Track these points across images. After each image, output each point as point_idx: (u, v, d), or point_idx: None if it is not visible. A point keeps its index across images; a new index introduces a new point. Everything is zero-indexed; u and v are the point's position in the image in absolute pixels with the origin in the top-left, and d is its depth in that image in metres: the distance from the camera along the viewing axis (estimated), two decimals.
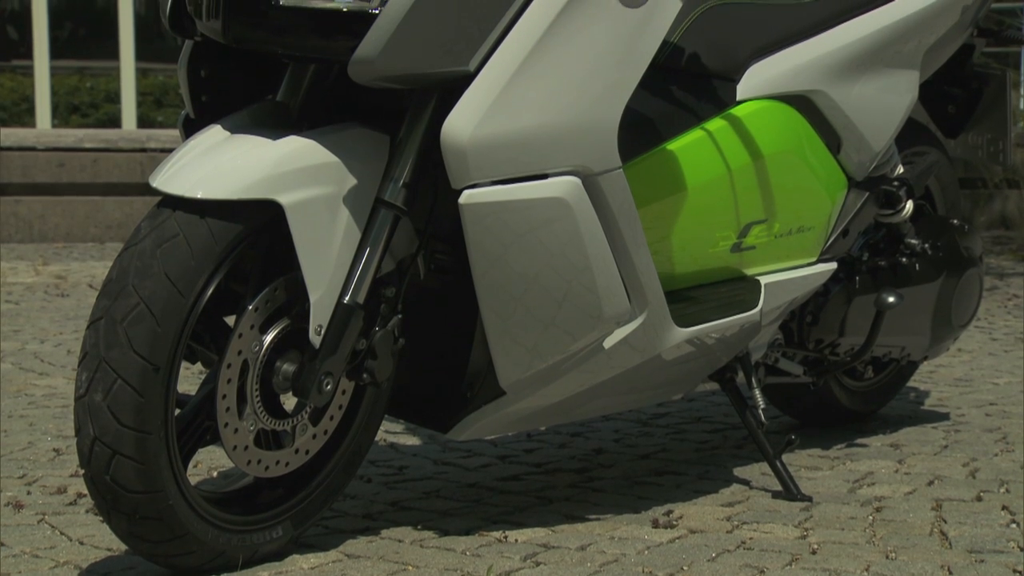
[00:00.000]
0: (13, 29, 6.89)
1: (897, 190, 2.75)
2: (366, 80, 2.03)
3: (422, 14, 1.98)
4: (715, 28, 2.52)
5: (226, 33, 2.06)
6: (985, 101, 2.93)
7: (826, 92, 2.58)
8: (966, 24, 2.81)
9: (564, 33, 2.07)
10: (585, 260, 2.15)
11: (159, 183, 2.04)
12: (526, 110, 2.06)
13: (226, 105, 2.18)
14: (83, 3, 7.16)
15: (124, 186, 5.53)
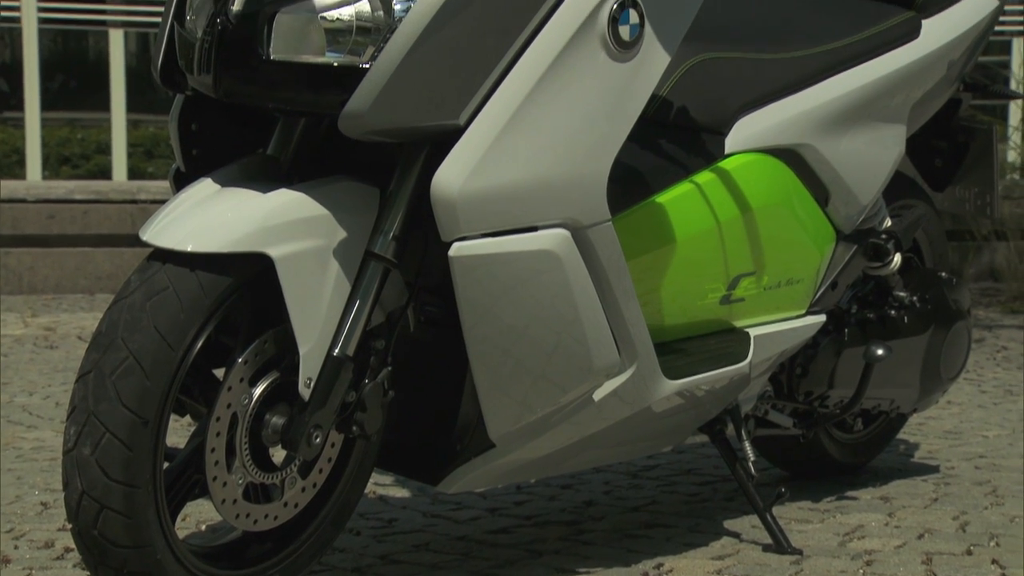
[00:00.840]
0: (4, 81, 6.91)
1: (885, 243, 2.76)
2: (356, 134, 2.04)
3: (412, 68, 2.00)
4: (703, 82, 2.54)
5: (217, 88, 2.07)
6: (972, 155, 2.95)
7: (814, 146, 2.59)
8: (952, 79, 2.83)
9: (553, 87, 2.08)
10: (574, 312, 2.16)
11: (149, 236, 2.05)
12: (516, 163, 2.06)
13: (217, 158, 2.19)
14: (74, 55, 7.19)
15: (114, 237, 5.53)
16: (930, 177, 3.02)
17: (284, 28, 2.02)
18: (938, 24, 2.76)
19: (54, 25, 5.89)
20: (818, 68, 2.62)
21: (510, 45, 2.06)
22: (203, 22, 2.08)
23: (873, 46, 2.67)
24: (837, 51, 2.64)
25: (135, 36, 6.54)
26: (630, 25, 2.12)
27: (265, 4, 2.03)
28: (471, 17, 2.01)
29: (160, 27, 2.20)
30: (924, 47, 2.73)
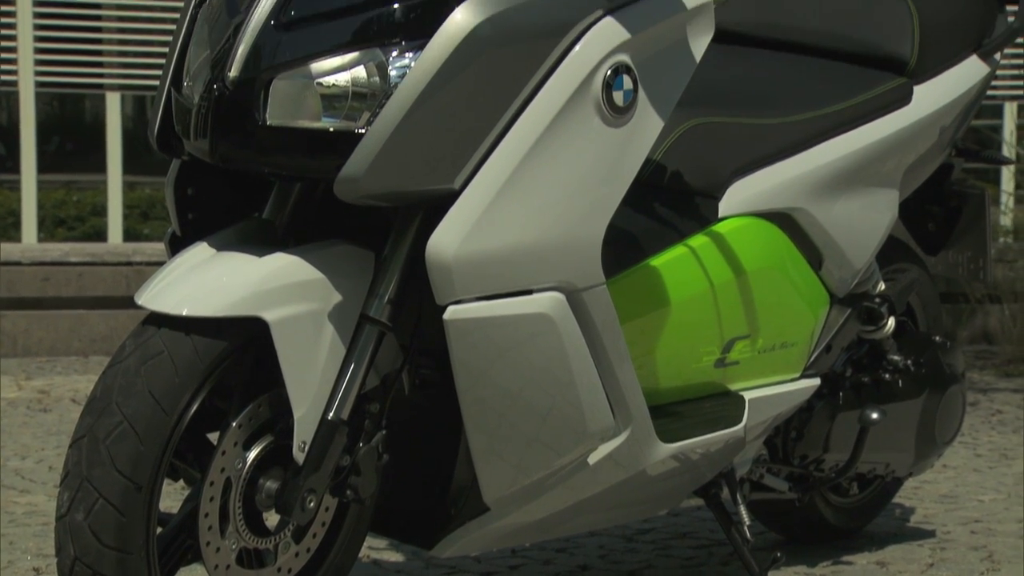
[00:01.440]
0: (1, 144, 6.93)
1: (879, 307, 2.76)
2: (352, 198, 2.05)
3: (407, 133, 2.01)
4: (697, 146, 2.55)
5: (213, 153, 2.08)
6: (964, 219, 2.96)
7: (807, 210, 2.60)
8: (944, 144, 2.85)
9: (548, 151, 2.09)
10: (569, 375, 2.16)
11: (144, 300, 2.05)
12: (511, 227, 2.07)
13: (212, 222, 2.20)
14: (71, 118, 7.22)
15: (109, 299, 5.53)
16: (923, 241, 3.03)
17: (281, 94, 2.04)
18: (930, 90, 2.78)
19: (51, 88, 5.92)
20: (811, 133, 2.63)
21: (505, 110, 2.07)
22: (200, 88, 2.09)
23: (865, 111, 2.69)
24: (830, 116, 2.66)
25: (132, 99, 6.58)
26: (624, 91, 2.14)
27: (262, 70, 2.04)
28: (466, 83, 2.03)
29: (157, 92, 2.21)
30: (916, 113, 2.75)
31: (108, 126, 5.86)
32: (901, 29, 2.78)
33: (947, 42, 2.82)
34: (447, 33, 2.02)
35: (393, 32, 2.03)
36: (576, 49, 2.11)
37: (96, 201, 6.37)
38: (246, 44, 2.04)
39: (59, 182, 6.68)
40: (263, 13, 2.05)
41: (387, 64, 2.03)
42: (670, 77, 2.21)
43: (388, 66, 2.03)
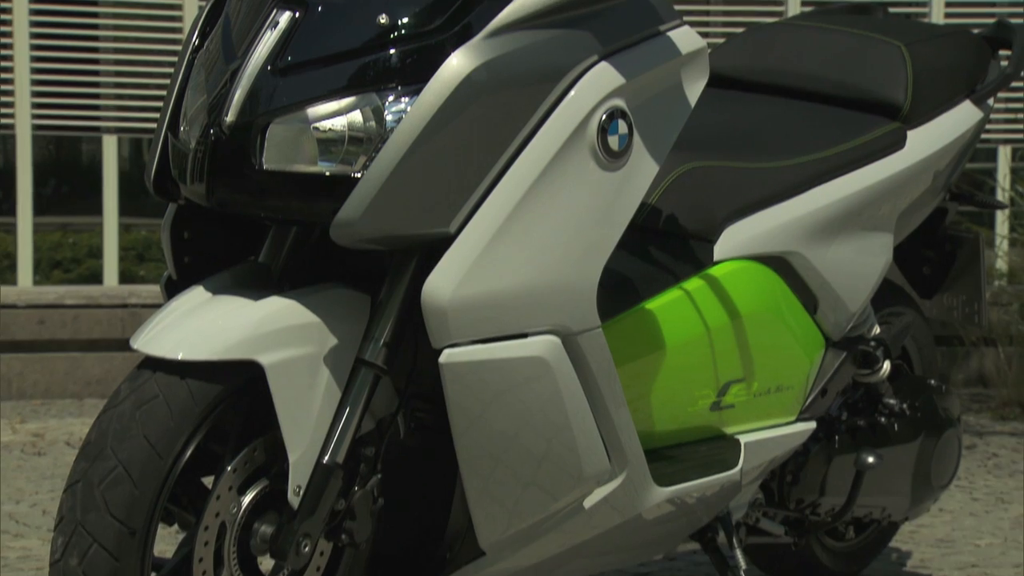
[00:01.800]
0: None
1: (874, 350, 2.77)
2: (348, 242, 2.06)
3: (403, 178, 2.02)
4: (692, 190, 2.56)
5: (210, 197, 2.08)
6: (959, 263, 2.97)
7: (802, 253, 2.61)
8: (938, 189, 2.86)
9: (544, 195, 2.10)
10: (565, 419, 2.16)
11: (140, 344, 2.05)
12: (506, 271, 2.08)
13: (208, 266, 2.20)
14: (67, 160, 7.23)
15: (105, 342, 5.52)
16: (918, 285, 3.04)
17: (277, 138, 2.05)
18: (923, 135, 2.80)
19: (48, 132, 5.94)
20: (806, 177, 2.64)
21: (501, 154, 2.08)
22: (197, 132, 2.10)
23: (859, 156, 2.70)
24: (824, 161, 2.67)
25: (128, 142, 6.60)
26: (619, 135, 2.15)
27: (258, 115, 2.05)
28: (462, 127, 2.04)
29: (154, 137, 2.22)
30: (910, 158, 2.76)
31: (105, 169, 5.87)
32: (894, 74, 2.80)
33: (940, 87, 2.83)
34: (443, 78, 2.03)
35: (389, 77, 2.04)
36: (572, 94, 2.12)
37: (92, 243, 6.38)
38: (243, 89, 2.06)
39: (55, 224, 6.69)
40: (260, 58, 2.06)
41: (383, 109, 2.04)
42: (665, 121, 2.22)
43: (384, 111, 2.04)
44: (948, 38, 2.93)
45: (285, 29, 2.07)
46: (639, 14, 2.20)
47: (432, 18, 2.06)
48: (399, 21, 2.05)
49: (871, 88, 2.80)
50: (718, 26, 5.84)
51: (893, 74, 2.80)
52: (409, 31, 2.05)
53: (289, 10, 2.08)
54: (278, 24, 2.07)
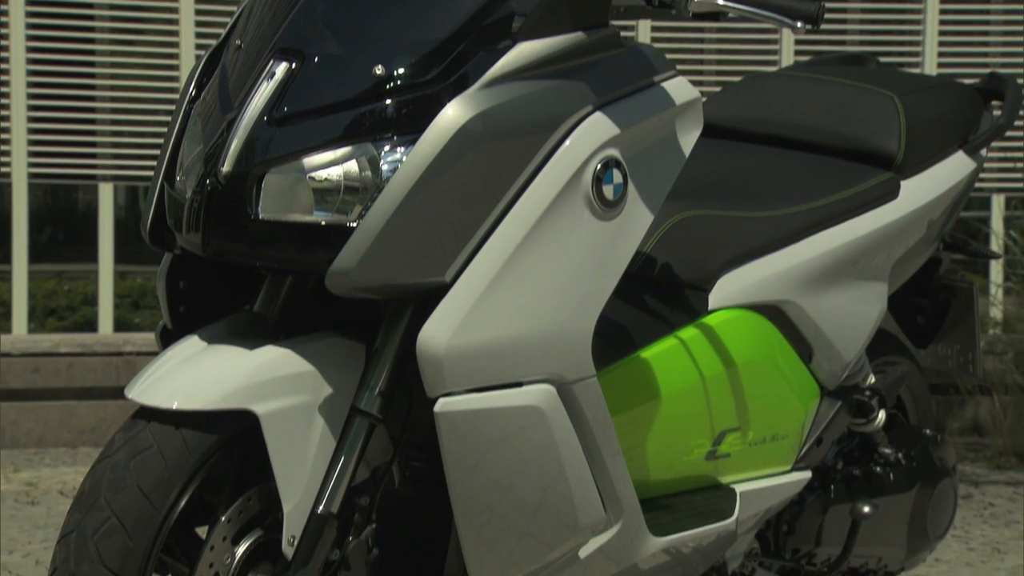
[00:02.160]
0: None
1: (869, 400, 2.77)
2: (343, 291, 2.06)
3: (399, 227, 2.02)
4: (687, 239, 2.57)
5: (205, 247, 2.09)
6: (953, 313, 2.98)
7: (797, 302, 2.62)
8: (932, 238, 2.87)
9: (539, 244, 2.10)
10: (560, 468, 2.15)
11: (134, 394, 2.05)
12: (501, 320, 2.08)
13: (204, 315, 2.21)
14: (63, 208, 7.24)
15: (99, 390, 5.51)
16: (913, 334, 3.04)
17: (273, 188, 2.05)
18: (917, 185, 2.81)
19: (44, 180, 5.95)
20: (800, 226, 2.65)
21: (496, 203, 2.09)
22: (193, 182, 2.11)
23: (853, 206, 2.71)
24: (818, 210, 2.68)
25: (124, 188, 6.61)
26: (614, 184, 2.16)
27: (255, 165, 2.06)
28: (458, 177, 2.05)
29: (150, 187, 2.23)
30: (904, 207, 2.77)
31: (100, 216, 5.88)
32: (887, 125, 2.82)
33: (933, 138, 2.85)
34: (439, 128, 2.04)
35: (385, 127, 2.05)
36: (566, 144, 2.13)
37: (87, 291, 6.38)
38: (239, 139, 2.06)
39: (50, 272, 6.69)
40: (256, 109, 2.07)
41: (379, 158, 2.05)
42: (660, 171, 2.23)
43: (380, 160, 2.05)
44: (940, 89, 2.96)
45: (282, 80, 2.08)
46: (634, 65, 2.21)
47: (428, 69, 2.07)
48: (395, 72, 2.07)
49: (864, 138, 2.82)
50: (712, 73, 5.87)
51: (886, 124, 2.82)
52: (405, 81, 2.06)
53: (286, 61, 2.09)
54: (275, 75, 2.08)
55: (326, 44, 2.09)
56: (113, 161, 5.83)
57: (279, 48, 2.10)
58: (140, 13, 5.74)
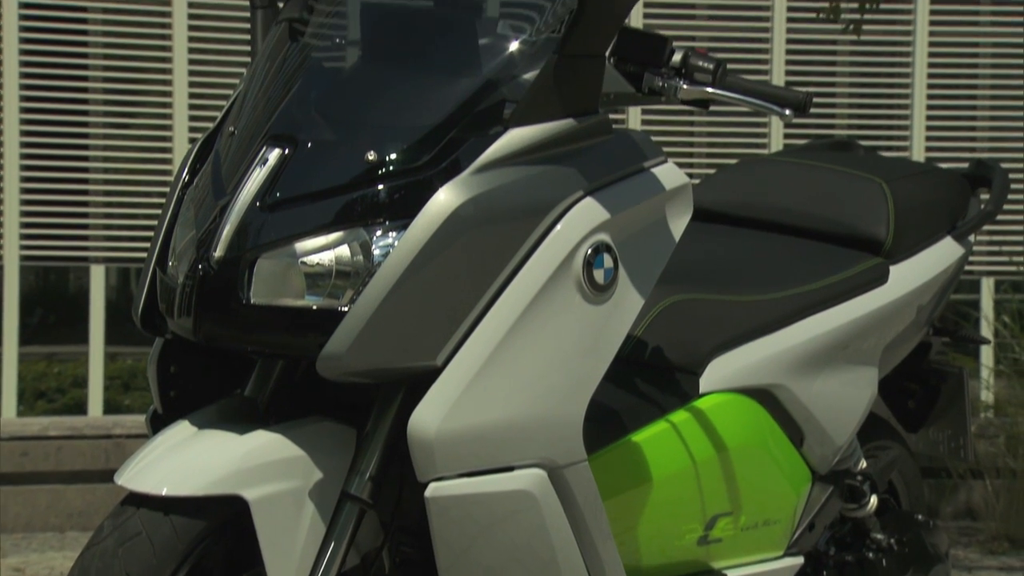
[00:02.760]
0: None
1: (861, 485, 2.76)
2: (334, 375, 2.06)
3: (390, 311, 2.03)
4: (677, 322, 2.57)
5: (197, 332, 2.09)
6: (944, 398, 2.98)
7: (788, 386, 2.62)
8: (922, 323, 2.88)
9: (530, 328, 2.11)
10: (551, 553, 2.14)
11: (124, 480, 2.04)
12: (493, 404, 2.08)
13: (194, 400, 2.20)
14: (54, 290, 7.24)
15: (88, 473, 5.48)
16: (904, 419, 3.04)
17: (265, 273, 2.06)
18: (906, 270, 2.82)
19: (36, 263, 5.96)
20: (790, 311, 2.66)
21: (487, 288, 2.10)
22: (185, 267, 2.11)
23: (843, 291, 2.73)
24: (808, 294, 2.69)
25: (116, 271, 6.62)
26: (604, 269, 2.17)
27: (247, 250, 2.07)
28: (449, 261, 2.05)
29: (142, 273, 2.23)
30: (893, 292, 2.78)
31: (92, 297, 5.89)
32: (876, 211, 2.84)
33: (921, 224, 2.87)
34: (430, 213, 2.05)
35: (377, 212, 2.06)
36: (557, 228, 2.14)
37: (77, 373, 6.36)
38: (231, 224, 2.07)
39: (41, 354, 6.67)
40: (249, 195, 2.08)
41: (371, 243, 2.06)
42: (650, 256, 2.24)
43: (372, 245, 2.06)
44: (928, 175, 2.98)
45: (274, 166, 2.09)
46: (624, 151, 2.23)
47: (420, 154, 2.08)
48: (387, 157, 2.08)
49: (853, 223, 2.84)
50: (702, 156, 5.91)
51: (875, 210, 2.84)
52: (397, 167, 2.08)
53: (279, 147, 2.10)
54: (267, 161, 2.10)
55: (319, 130, 2.11)
56: (105, 243, 5.85)
57: (272, 134, 2.12)
58: (134, 96, 5.78)
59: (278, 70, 2.22)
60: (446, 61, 2.18)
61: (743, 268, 2.74)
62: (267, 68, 2.24)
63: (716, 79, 2.26)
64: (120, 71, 5.69)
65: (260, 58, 2.27)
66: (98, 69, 5.71)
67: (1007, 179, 3.03)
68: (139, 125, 5.86)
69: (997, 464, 5.21)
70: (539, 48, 2.16)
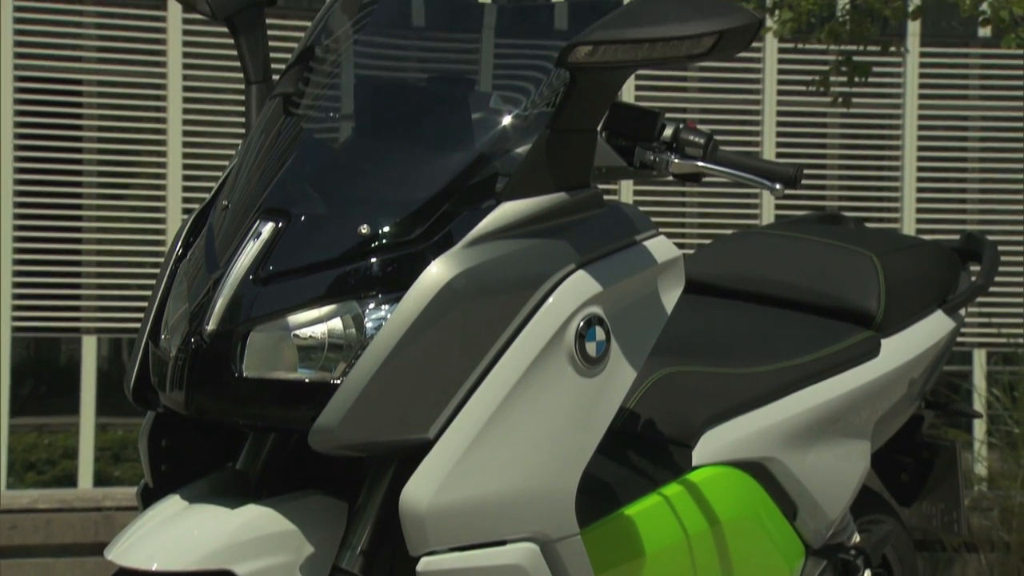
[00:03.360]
0: None
1: (854, 559, 2.75)
2: (326, 449, 2.06)
3: (383, 385, 2.02)
4: (670, 395, 2.57)
5: (188, 405, 2.09)
6: (937, 471, 2.98)
7: (781, 460, 2.61)
8: (914, 396, 2.88)
9: (522, 401, 2.11)
10: None
11: (114, 555, 2.03)
12: (485, 478, 2.07)
13: (186, 473, 2.19)
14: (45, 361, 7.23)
15: (77, 546, 5.45)
16: (897, 492, 3.04)
17: (258, 346, 2.06)
18: (897, 344, 2.83)
19: (28, 334, 5.95)
20: (782, 383, 2.66)
21: (479, 361, 2.09)
22: (177, 341, 2.11)
23: (835, 363, 2.73)
24: (800, 367, 2.69)
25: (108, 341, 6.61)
26: (596, 342, 2.17)
27: (239, 323, 2.07)
28: (442, 334, 2.06)
29: (134, 346, 2.23)
30: (884, 365, 2.79)
31: (83, 368, 5.87)
32: (867, 284, 2.85)
33: (912, 298, 2.88)
34: (423, 286, 2.05)
35: (370, 285, 2.07)
36: (549, 301, 2.14)
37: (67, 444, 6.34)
38: (224, 297, 2.08)
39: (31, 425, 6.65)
40: (242, 268, 2.09)
41: (363, 316, 2.06)
42: (642, 329, 2.25)
43: (364, 318, 2.06)
44: (919, 249, 3.00)
45: (268, 239, 2.10)
46: (616, 224, 2.24)
47: (413, 228, 2.09)
48: (380, 231, 2.09)
49: (844, 297, 2.85)
50: (694, 226, 5.94)
51: (866, 284, 2.85)
52: (390, 240, 2.09)
53: (272, 221, 2.11)
54: (261, 234, 2.10)
55: (312, 204, 2.12)
56: (98, 314, 5.85)
57: (266, 208, 2.13)
58: (128, 168, 5.80)
59: (272, 144, 2.23)
60: (439, 135, 2.20)
61: (735, 340, 2.74)
62: (261, 142, 2.25)
63: (707, 153, 2.28)
64: (114, 142, 5.72)
65: (254, 132, 2.28)
66: (92, 140, 5.74)
67: (997, 253, 3.04)
68: (133, 196, 5.88)
69: (991, 537, 5.19)
70: (531, 122, 2.18)
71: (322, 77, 2.30)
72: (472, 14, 2.41)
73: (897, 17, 4.66)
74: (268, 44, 2.39)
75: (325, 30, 2.33)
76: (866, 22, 4.44)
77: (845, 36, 4.46)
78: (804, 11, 4.39)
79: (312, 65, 2.29)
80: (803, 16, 4.40)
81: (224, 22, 2.35)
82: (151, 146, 5.80)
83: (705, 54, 2.06)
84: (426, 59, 2.40)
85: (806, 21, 4.45)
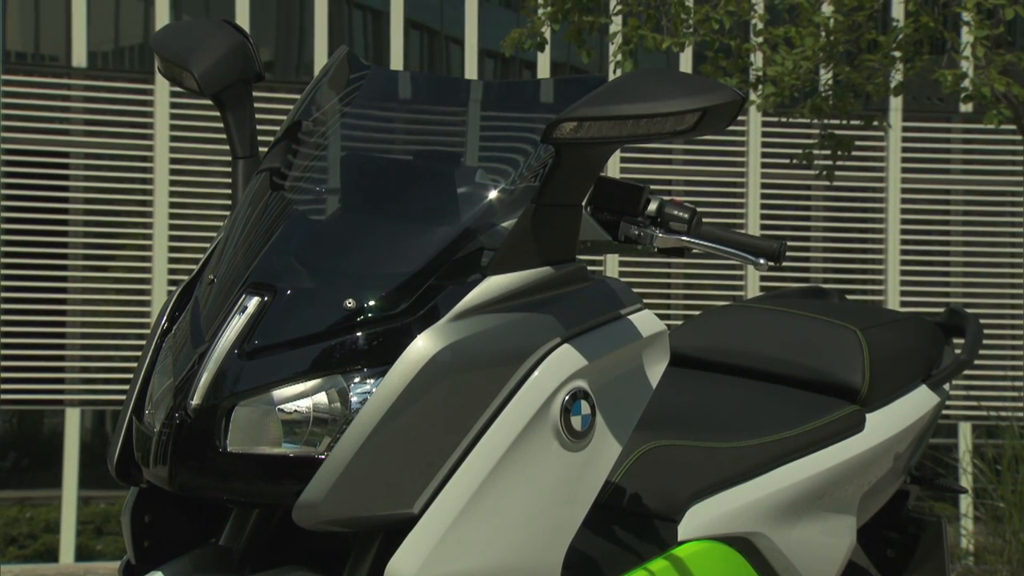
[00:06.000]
0: None
1: None
2: (311, 524, 2.04)
3: (368, 459, 2.02)
4: (656, 469, 2.56)
5: (172, 480, 2.07)
6: (922, 547, 2.97)
7: (766, 534, 2.60)
8: (899, 471, 2.88)
9: (508, 476, 2.10)
10: None
11: None
12: (470, 552, 2.06)
13: (169, 549, 2.18)
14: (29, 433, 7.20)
15: None
16: (883, 568, 3.02)
17: (242, 420, 2.05)
18: (882, 418, 2.83)
19: (11, 406, 5.93)
20: (767, 458, 2.65)
21: (465, 434, 2.09)
22: (161, 416, 2.10)
23: (820, 438, 2.73)
24: (785, 441, 2.68)
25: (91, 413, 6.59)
26: (582, 416, 2.17)
27: (224, 398, 2.06)
28: (427, 408, 2.05)
29: (118, 421, 2.22)
30: (869, 440, 2.78)
31: (66, 441, 5.85)
32: (852, 359, 2.85)
33: (897, 372, 2.88)
34: (409, 359, 2.05)
35: (355, 359, 2.06)
36: (535, 375, 2.14)
37: (50, 518, 6.30)
38: (209, 372, 2.07)
39: (13, 499, 6.60)
40: (227, 342, 2.08)
41: (348, 390, 2.05)
42: (627, 402, 2.25)
43: (350, 392, 2.05)
44: (903, 324, 3.00)
45: (253, 314, 2.10)
46: (601, 298, 2.24)
47: (398, 302, 2.09)
48: (366, 304, 2.09)
49: (829, 371, 2.85)
50: (679, 298, 5.96)
51: (850, 358, 2.85)
52: (376, 314, 2.09)
53: (258, 295, 2.11)
54: (246, 309, 2.10)
55: (298, 278, 2.12)
56: (81, 387, 5.83)
57: (252, 282, 2.13)
58: (114, 240, 5.81)
59: (259, 218, 2.24)
60: (425, 210, 2.21)
61: (721, 414, 2.74)
62: (248, 216, 2.26)
63: (691, 228, 2.29)
64: (100, 215, 5.73)
65: (241, 206, 2.29)
66: (79, 212, 5.75)
67: (980, 329, 3.05)
68: (118, 268, 5.88)
69: None
70: (517, 197, 2.19)
71: (309, 151, 2.31)
72: (459, 89, 2.43)
73: (879, 93, 4.71)
74: (255, 119, 2.40)
75: (312, 104, 2.35)
76: (848, 97, 4.48)
77: (828, 111, 4.51)
78: (787, 86, 4.43)
79: (299, 139, 2.30)
80: (786, 91, 4.44)
81: (211, 98, 2.36)
82: (137, 218, 5.82)
83: (689, 130, 2.08)
84: (413, 133, 2.41)
85: (789, 96, 4.50)
